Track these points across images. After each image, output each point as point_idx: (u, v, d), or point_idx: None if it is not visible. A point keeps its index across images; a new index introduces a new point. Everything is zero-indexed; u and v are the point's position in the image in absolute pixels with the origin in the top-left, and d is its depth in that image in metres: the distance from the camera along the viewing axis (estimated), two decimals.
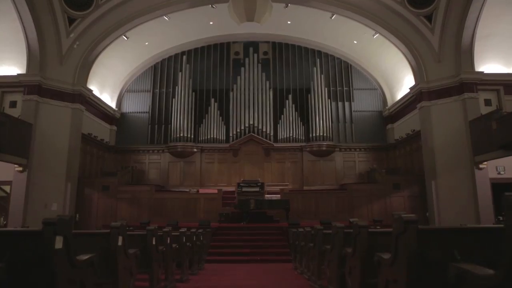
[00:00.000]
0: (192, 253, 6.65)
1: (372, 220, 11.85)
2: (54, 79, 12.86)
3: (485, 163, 11.62)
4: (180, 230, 5.76)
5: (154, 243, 3.87)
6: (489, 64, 12.89)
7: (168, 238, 4.74)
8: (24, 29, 11.97)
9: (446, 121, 12.63)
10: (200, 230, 7.64)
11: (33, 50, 12.37)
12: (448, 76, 12.81)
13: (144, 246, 3.88)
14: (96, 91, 15.51)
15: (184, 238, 5.72)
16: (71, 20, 13.02)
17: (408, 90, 14.55)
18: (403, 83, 15.93)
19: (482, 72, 12.44)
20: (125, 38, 14.86)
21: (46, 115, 12.49)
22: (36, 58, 12.41)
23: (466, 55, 12.53)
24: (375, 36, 14.99)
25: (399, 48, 14.13)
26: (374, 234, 3.53)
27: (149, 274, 3.92)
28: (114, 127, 17.16)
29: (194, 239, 6.66)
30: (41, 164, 12.04)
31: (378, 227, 9.37)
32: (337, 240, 3.76)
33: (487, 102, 12.83)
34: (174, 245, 5.18)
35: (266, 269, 8.30)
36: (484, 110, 12.22)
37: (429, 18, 13.03)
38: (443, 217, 12.04)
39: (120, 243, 3.48)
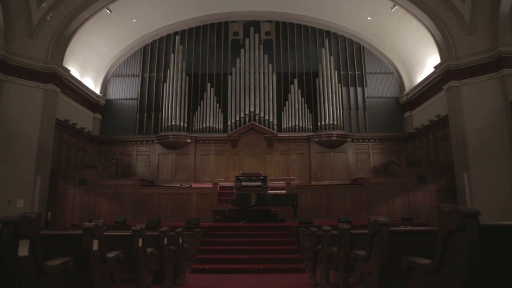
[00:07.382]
0: (162, 262, 4.76)
1: (401, 219, 9.91)
2: (23, 55, 11.14)
3: None
4: (133, 228, 3.85)
5: (22, 254, 1.98)
6: None
7: (96, 242, 2.85)
8: None
9: (480, 103, 10.88)
10: (178, 230, 5.72)
11: None
12: (482, 51, 11.03)
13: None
14: (76, 74, 13.68)
15: (140, 240, 3.82)
16: None
17: (432, 71, 12.81)
18: (425, 63, 14.02)
19: None
20: (108, 12, 13.05)
21: (12, 96, 10.79)
22: None
23: (504, 25, 10.74)
24: (393, 9, 13.16)
25: (422, 22, 12.30)
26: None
27: None
28: (98, 115, 15.27)
29: (165, 242, 4.75)
30: (4, 153, 10.40)
31: (409, 226, 7.47)
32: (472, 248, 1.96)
33: None
34: (115, 253, 3.30)
35: (272, 283, 6.36)
36: None
37: None
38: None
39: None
